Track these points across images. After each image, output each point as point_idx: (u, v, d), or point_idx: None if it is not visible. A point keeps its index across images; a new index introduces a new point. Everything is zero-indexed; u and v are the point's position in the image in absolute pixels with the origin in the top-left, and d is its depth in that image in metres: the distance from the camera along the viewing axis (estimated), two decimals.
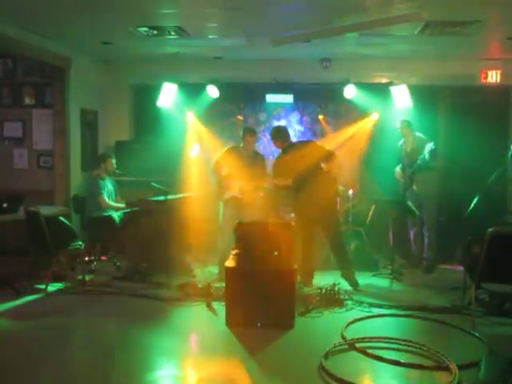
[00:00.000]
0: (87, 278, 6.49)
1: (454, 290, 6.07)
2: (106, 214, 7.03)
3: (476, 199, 6.18)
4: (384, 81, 8.26)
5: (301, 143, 6.85)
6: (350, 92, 8.09)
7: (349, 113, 8.62)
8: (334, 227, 6.40)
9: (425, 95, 8.26)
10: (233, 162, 6.92)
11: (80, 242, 6.47)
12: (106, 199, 7.10)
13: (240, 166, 6.85)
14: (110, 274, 6.83)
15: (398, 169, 7.43)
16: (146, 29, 6.53)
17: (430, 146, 6.87)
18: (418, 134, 7.33)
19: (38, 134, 8.01)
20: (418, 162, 7.03)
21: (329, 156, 6.36)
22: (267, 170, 7.16)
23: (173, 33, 6.68)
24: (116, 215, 7.06)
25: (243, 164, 6.86)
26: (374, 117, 8.24)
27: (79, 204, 7.54)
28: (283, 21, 6.12)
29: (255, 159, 7.05)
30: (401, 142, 7.48)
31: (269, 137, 8.85)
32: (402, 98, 7.89)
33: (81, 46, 7.65)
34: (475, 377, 3.77)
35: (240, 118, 8.72)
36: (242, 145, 7.06)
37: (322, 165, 6.35)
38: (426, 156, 6.88)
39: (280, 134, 6.64)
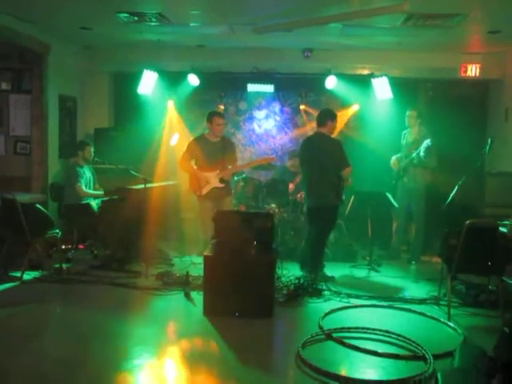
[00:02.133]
0: (64, 266, 6.42)
1: (431, 281, 6.14)
2: (84, 201, 6.95)
3: (454, 191, 6.24)
4: (365, 72, 8.27)
5: (329, 139, 6.30)
6: (331, 83, 8.10)
7: (329, 103, 8.61)
8: (317, 229, 6.27)
9: (406, 87, 8.32)
10: (202, 152, 6.67)
11: (57, 230, 6.39)
12: (83, 187, 7.02)
13: (211, 155, 6.65)
14: (87, 262, 6.75)
15: (394, 158, 7.42)
16: (126, 15, 6.43)
17: (426, 142, 6.86)
18: (423, 128, 7.34)
19: (15, 120, 7.86)
20: (413, 155, 7.04)
21: (343, 167, 6.10)
22: (237, 155, 7.05)
23: (154, 19, 6.60)
24: (94, 203, 6.99)
25: (214, 152, 6.66)
26: (354, 108, 8.26)
27: (56, 191, 7.45)
28: (266, 9, 6.08)
29: (224, 145, 6.79)
30: (405, 131, 7.47)
31: (250, 126, 8.93)
32: (382, 89, 7.92)
33: (60, 31, 7.51)
34: (449, 366, 3.81)
35: (221, 106, 8.67)
36: (208, 131, 6.80)
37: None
38: (421, 152, 6.89)
39: (318, 115, 6.43)
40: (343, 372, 3.89)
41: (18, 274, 6.04)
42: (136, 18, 6.57)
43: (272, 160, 7.38)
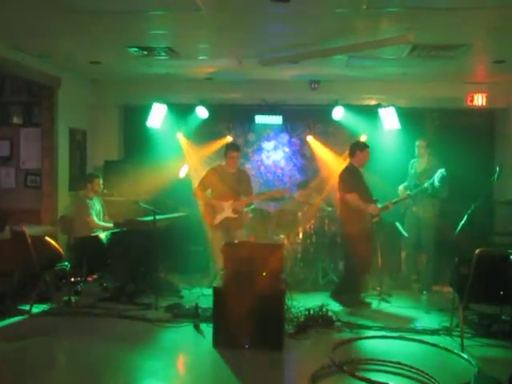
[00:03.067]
0: (73, 299, 6.40)
1: (442, 311, 6.06)
2: (93, 234, 6.97)
3: (463, 220, 6.19)
4: (372, 103, 8.34)
5: (345, 168, 6.62)
6: (339, 114, 8.17)
7: (337, 134, 8.69)
8: (344, 254, 6.62)
9: (412, 117, 8.36)
10: (218, 182, 6.84)
11: (66, 263, 6.39)
12: (95, 219, 7.06)
13: (226, 185, 6.80)
14: (96, 295, 6.73)
15: (401, 187, 7.40)
16: (136, 49, 6.56)
17: (441, 172, 6.83)
18: (433, 157, 7.34)
19: (25, 153, 7.96)
20: (425, 185, 7.00)
21: (344, 193, 6.36)
22: (252, 187, 7.16)
23: (163, 53, 6.72)
24: (103, 235, 7.00)
25: (229, 183, 6.82)
26: (362, 138, 8.29)
27: (66, 224, 7.48)
28: (272, 42, 6.18)
29: (240, 176, 6.99)
30: (413, 160, 7.48)
31: (258, 158, 8.98)
32: (389, 119, 7.97)
33: (70, 66, 7.66)
34: None
35: (229, 138, 8.73)
36: (224, 163, 7.00)
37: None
38: (436, 182, 6.86)
39: (349, 147, 6.69)
40: None
41: (27, 307, 6.02)
42: (146, 52, 6.70)
43: (285, 193, 7.46)
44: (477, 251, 4.85)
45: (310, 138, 8.69)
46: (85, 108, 8.57)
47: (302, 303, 6.03)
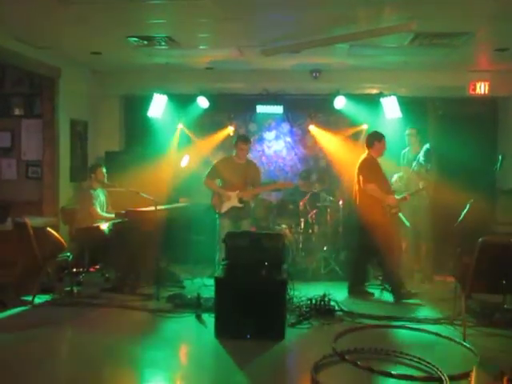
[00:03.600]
0: (75, 289, 6.41)
1: (445, 300, 6.05)
2: (95, 224, 6.97)
3: (466, 209, 6.17)
4: (374, 92, 8.29)
5: (363, 159, 6.58)
6: (340, 103, 8.12)
7: (339, 123, 8.65)
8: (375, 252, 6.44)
9: (415, 106, 8.31)
10: (226, 172, 6.94)
11: (68, 253, 6.40)
12: (98, 210, 7.05)
13: (234, 175, 6.90)
14: (98, 285, 6.75)
15: (396, 176, 7.40)
16: (136, 39, 6.52)
17: (426, 146, 6.87)
18: (423, 142, 7.32)
19: (26, 145, 7.95)
20: (413, 167, 7.00)
21: (363, 184, 6.34)
22: (261, 178, 7.20)
23: (163, 43, 6.69)
24: (105, 226, 7.00)
25: (238, 173, 6.91)
26: (363, 127, 8.26)
27: (67, 215, 7.47)
28: (273, 31, 6.14)
29: (249, 167, 7.07)
30: (405, 150, 7.48)
31: (260, 147, 8.94)
32: (391, 108, 7.92)
33: (70, 56, 7.62)
34: None
35: (231, 128, 8.70)
36: (234, 153, 7.05)
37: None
38: (421, 158, 6.87)
39: (366, 138, 6.71)
40: None
41: (30, 298, 6.04)
42: (146, 42, 6.66)
43: (289, 185, 7.47)
44: (479, 240, 4.83)
45: (311, 127, 8.63)
46: (85, 99, 8.53)
47: (303, 293, 6.04)
